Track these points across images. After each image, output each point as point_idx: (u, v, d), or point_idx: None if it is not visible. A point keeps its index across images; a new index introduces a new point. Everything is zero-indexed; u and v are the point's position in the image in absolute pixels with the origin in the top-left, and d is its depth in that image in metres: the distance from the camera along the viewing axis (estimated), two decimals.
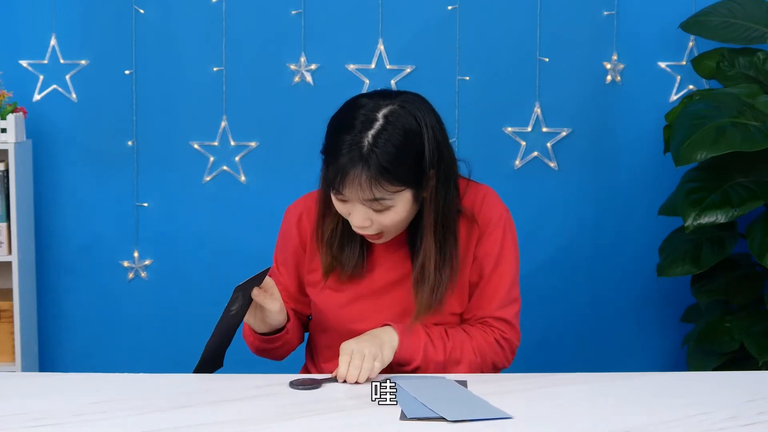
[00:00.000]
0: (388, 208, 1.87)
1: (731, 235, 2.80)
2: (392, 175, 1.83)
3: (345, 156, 1.83)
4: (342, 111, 1.91)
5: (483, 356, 1.98)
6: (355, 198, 1.85)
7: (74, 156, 3.11)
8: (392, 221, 1.89)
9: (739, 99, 2.64)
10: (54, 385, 1.79)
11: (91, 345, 3.16)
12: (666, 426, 1.58)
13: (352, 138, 1.83)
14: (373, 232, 1.90)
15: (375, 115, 1.85)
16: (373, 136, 1.83)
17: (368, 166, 1.82)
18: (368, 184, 1.82)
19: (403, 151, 1.84)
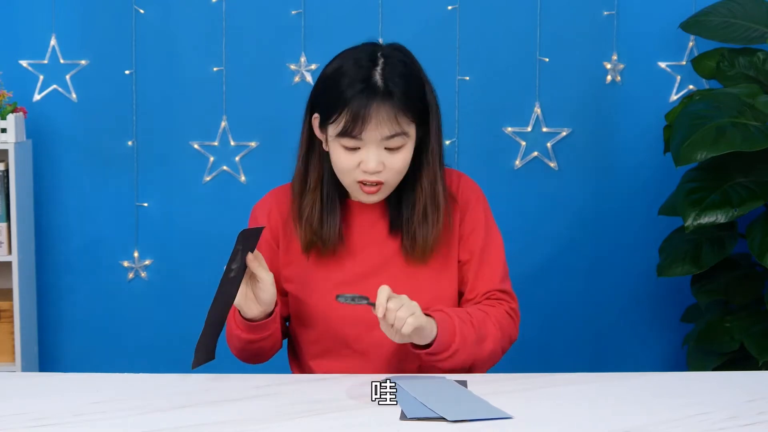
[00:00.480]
0: (401, 147, 1.86)
1: (731, 235, 2.80)
2: (411, 104, 1.85)
3: (361, 94, 1.82)
4: (329, 67, 1.90)
5: (502, 329, 1.95)
6: (373, 138, 1.83)
7: (74, 156, 3.11)
8: (402, 163, 1.87)
9: (739, 99, 2.64)
10: (54, 385, 1.79)
11: (91, 345, 3.16)
12: (666, 426, 1.58)
13: (360, 76, 1.83)
14: (383, 179, 1.87)
15: (374, 55, 1.87)
16: (381, 69, 1.84)
17: (390, 97, 1.82)
18: (393, 115, 1.82)
19: (411, 80, 1.87)
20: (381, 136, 1.83)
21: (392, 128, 1.83)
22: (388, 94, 1.83)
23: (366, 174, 1.87)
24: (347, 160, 1.87)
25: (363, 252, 1.98)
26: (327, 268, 1.99)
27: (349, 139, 1.84)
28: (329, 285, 1.97)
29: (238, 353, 1.98)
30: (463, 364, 1.90)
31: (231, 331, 1.95)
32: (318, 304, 1.98)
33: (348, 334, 1.96)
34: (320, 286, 1.98)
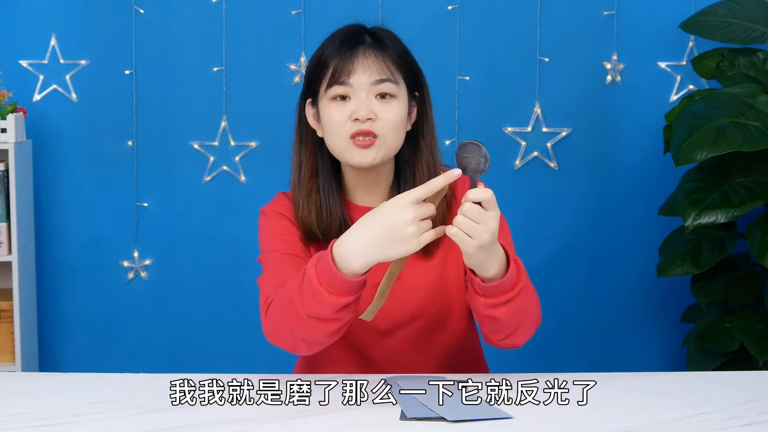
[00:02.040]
0: (393, 97, 1.83)
1: (731, 235, 2.80)
2: (401, 59, 1.86)
3: (346, 43, 1.84)
4: (318, 47, 1.92)
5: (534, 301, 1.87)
6: (363, 81, 1.81)
7: (74, 156, 3.11)
8: (394, 115, 1.82)
9: (739, 99, 2.64)
10: (54, 385, 1.79)
11: (91, 345, 3.17)
12: (666, 426, 1.58)
13: (348, 32, 1.87)
14: (376, 131, 1.80)
15: (361, 29, 1.91)
16: (370, 31, 1.88)
17: (378, 45, 1.84)
18: (381, 60, 1.83)
19: (400, 44, 1.89)
20: (371, 79, 1.82)
21: (381, 71, 1.83)
22: (376, 42, 1.85)
23: (358, 123, 1.80)
24: (338, 113, 1.82)
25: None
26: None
27: (339, 86, 1.82)
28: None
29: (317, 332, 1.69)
30: (516, 314, 1.76)
31: (319, 303, 1.64)
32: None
33: (360, 342, 1.94)
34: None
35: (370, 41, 1.86)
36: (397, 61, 1.86)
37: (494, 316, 1.75)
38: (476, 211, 1.59)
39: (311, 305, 1.65)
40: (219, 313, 3.16)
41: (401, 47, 1.90)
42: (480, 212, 1.60)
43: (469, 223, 1.60)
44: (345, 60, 1.83)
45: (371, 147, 1.81)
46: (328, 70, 1.84)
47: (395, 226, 1.60)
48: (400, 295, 1.93)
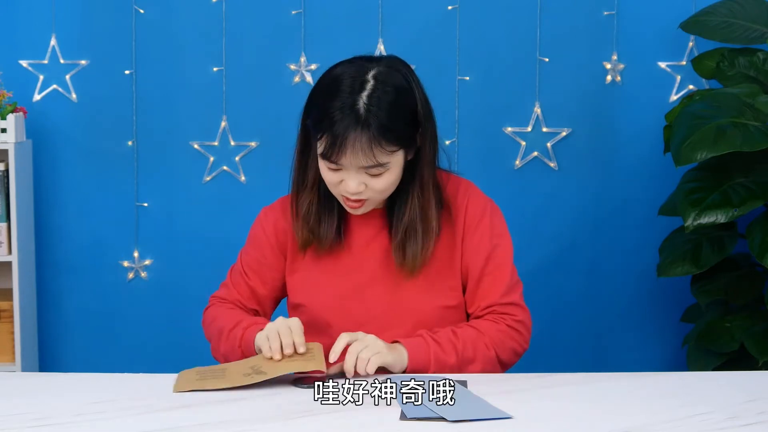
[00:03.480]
0: (384, 171, 1.86)
1: (731, 235, 2.80)
2: (391, 135, 1.82)
3: (341, 122, 1.80)
4: (325, 79, 1.89)
5: (498, 347, 1.96)
6: (352, 164, 1.83)
7: (74, 156, 3.11)
8: (385, 185, 1.87)
9: (739, 99, 2.64)
10: (54, 385, 1.79)
11: (91, 345, 3.17)
12: (666, 426, 1.58)
13: (345, 101, 1.82)
14: (365, 197, 1.88)
15: (364, 77, 1.85)
16: (367, 97, 1.82)
17: (368, 128, 1.80)
18: (369, 148, 1.81)
19: (397, 108, 1.84)
20: (358, 165, 1.84)
21: (368, 160, 1.83)
22: (366, 125, 1.81)
23: (348, 193, 1.88)
24: (330, 177, 1.89)
25: (364, 261, 1.99)
26: (329, 276, 2.00)
27: (329, 162, 1.85)
28: (332, 293, 1.99)
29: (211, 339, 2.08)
30: (452, 369, 1.93)
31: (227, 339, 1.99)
32: (321, 311, 2.00)
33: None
34: (324, 293, 2.00)
35: (364, 118, 1.81)
36: (389, 139, 1.83)
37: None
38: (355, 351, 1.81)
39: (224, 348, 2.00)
40: None
41: (396, 112, 1.84)
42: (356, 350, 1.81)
43: (360, 355, 1.81)
44: (336, 141, 1.82)
45: (361, 207, 1.92)
46: (323, 139, 1.84)
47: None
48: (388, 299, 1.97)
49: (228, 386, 1.74)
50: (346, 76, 1.86)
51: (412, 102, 1.88)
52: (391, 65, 1.89)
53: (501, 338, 1.98)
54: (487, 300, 2.00)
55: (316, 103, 1.88)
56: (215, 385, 1.75)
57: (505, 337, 1.99)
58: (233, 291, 2.08)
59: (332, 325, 1.97)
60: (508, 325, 1.99)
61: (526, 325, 2.03)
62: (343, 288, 1.98)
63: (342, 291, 1.98)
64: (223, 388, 1.74)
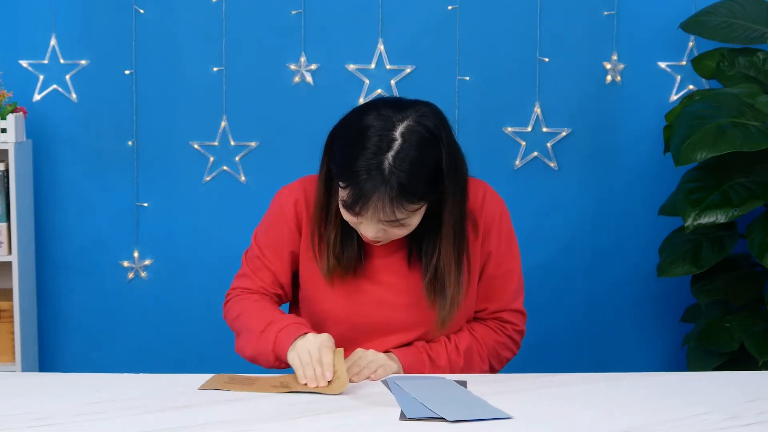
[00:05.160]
0: (404, 225, 1.85)
1: (731, 235, 2.80)
2: (414, 196, 1.80)
3: (367, 181, 1.78)
4: (352, 127, 1.85)
5: (493, 358, 2.01)
6: (372, 219, 1.83)
7: (74, 156, 3.11)
8: (406, 231, 1.88)
9: (739, 99, 2.64)
10: (54, 385, 1.79)
11: (91, 345, 3.16)
12: (666, 426, 1.58)
13: (371, 161, 1.79)
14: (384, 240, 1.90)
15: (392, 134, 1.80)
16: (393, 158, 1.79)
17: (392, 189, 1.78)
18: (390, 207, 1.80)
19: (423, 170, 1.81)
20: (378, 219, 1.83)
21: (388, 216, 1.81)
22: (390, 186, 1.78)
23: (366, 238, 1.89)
24: (350, 219, 1.88)
25: (382, 275, 1.98)
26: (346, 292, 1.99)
27: (350, 213, 1.84)
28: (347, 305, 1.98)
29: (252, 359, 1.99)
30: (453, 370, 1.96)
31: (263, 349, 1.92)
32: (332, 310, 1.98)
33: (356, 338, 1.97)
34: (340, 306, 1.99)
35: (387, 176, 1.78)
36: (414, 196, 1.81)
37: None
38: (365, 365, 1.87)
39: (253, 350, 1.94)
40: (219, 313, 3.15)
41: (424, 169, 1.82)
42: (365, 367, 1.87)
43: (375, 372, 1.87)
44: (359, 198, 1.80)
45: (379, 242, 1.92)
46: (346, 190, 1.82)
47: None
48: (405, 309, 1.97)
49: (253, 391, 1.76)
50: (373, 129, 1.81)
51: (438, 160, 1.84)
52: (422, 119, 1.83)
53: (498, 350, 2.02)
54: (495, 305, 2.03)
55: (342, 152, 1.84)
56: (241, 389, 1.76)
57: (502, 349, 2.03)
58: (256, 279, 2.03)
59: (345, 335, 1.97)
60: (508, 335, 2.04)
61: (523, 333, 2.07)
62: (360, 302, 1.98)
63: (359, 304, 1.98)
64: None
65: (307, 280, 2.01)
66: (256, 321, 1.94)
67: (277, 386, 1.78)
